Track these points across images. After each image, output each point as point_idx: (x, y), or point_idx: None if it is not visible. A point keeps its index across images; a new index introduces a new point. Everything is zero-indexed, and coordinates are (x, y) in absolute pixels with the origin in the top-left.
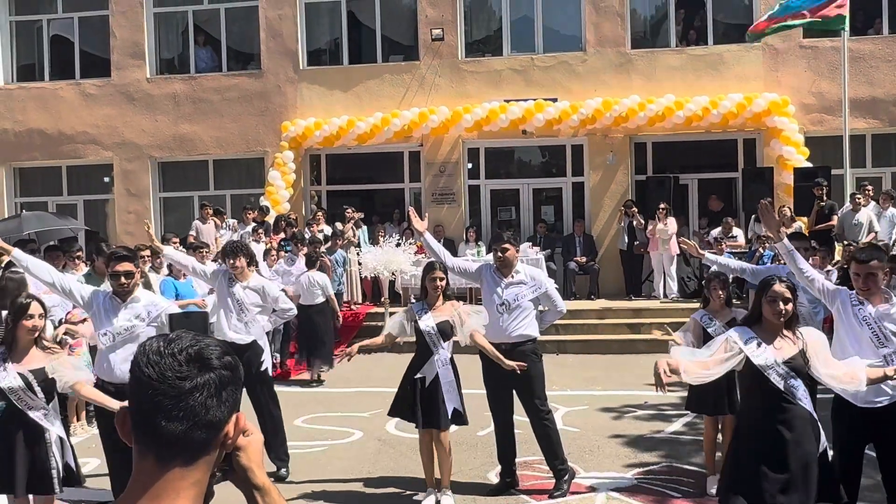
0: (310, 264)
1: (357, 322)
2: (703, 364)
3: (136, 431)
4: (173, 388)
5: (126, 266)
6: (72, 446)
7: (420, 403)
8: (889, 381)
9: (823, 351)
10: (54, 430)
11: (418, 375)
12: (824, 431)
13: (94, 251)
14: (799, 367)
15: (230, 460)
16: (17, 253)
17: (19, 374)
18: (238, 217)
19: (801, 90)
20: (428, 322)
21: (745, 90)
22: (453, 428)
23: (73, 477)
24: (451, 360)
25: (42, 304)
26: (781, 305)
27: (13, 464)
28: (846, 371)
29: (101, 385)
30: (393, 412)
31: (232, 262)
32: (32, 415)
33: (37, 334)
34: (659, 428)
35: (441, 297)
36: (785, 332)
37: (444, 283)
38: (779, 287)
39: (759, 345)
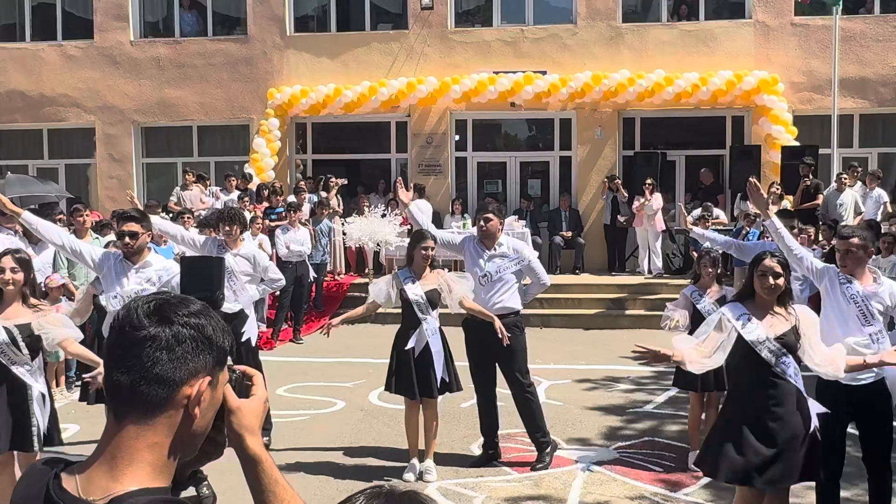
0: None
1: (341, 292)
2: (705, 353)
3: (103, 386)
4: (127, 337)
5: (132, 226)
6: (53, 407)
7: (411, 374)
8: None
9: (813, 332)
10: (37, 386)
11: (408, 346)
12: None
13: (70, 212)
14: (790, 343)
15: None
16: (27, 215)
17: (4, 327)
18: (221, 184)
19: (791, 68)
20: (416, 290)
21: (736, 67)
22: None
23: (53, 438)
24: (440, 329)
25: (19, 259)
26: (771, 280)
27: None
28: (828, 356)
29: None
30: (392, 388)
31: (228, 228)
32: (16, 370)
33: (8, 287)
34: (641, 402)
35: (428, 266)
36: (777, 307)
37: (434, 252)
38: (769, 262)
39: (750, 320)
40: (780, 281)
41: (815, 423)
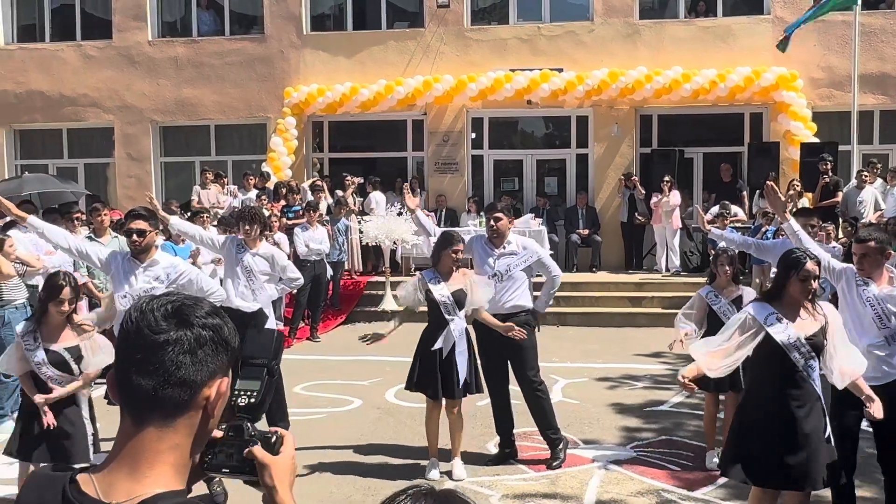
0: None
1: (358, 291)
2: (724, 352)
3: (116, 389)
4: (146, 341)
5: (139, 224)
6: (93, 413)
7: (436, 374)
8: (891, 361)
9: (838, 336)
10: (85, 399)
11: (435, 347)
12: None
13: (90, 211)
14: (819, 344)
15: (257, 475)
16: (32, 220)
17: (55, 351)
18: (239, 183)
19: (809, 64)
20: (442, 291)
21: (754, 63)
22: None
23: (97, 444)
24: (466, 329)
25: (74, 287)
26: (814, 284)
27: (45, 435)
28: (844, 368)
29: None
30: (413, 386)
31: (248, 228)
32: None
33: (66, 314)
34: (658, 401)
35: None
36: (806, 306)
37: (462, 254)
38: (811, 265)
39: (780, 320)
40: (816, 283)
41: (829, 430)
